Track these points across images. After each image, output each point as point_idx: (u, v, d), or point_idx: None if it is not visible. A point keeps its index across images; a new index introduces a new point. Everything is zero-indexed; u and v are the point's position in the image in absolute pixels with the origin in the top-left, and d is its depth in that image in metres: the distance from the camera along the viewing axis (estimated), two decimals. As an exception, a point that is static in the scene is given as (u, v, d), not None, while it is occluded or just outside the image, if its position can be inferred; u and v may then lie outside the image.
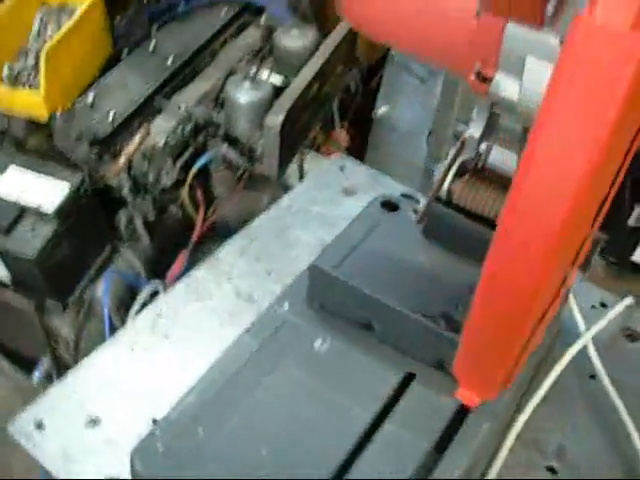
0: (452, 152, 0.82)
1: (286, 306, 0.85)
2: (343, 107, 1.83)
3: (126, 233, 1.46)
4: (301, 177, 1.64)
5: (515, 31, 0.57)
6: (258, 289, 0.98)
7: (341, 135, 1.87)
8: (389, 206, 0.96)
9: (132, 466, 0.73)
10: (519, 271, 0.49)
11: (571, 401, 0.92)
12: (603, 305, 1.02)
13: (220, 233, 1.61)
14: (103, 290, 1.35)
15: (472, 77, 0.63)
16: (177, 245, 1.52)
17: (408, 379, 0.80)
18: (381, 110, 2.02)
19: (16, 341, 1.59)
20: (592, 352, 0.93)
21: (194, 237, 1.49)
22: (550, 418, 0.90)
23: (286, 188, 1.60)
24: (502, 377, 0.59)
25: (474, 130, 0.79)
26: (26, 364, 1.60)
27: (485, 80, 0.63)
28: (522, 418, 0.86)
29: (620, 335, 1.01)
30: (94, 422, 0.85)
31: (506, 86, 0.62)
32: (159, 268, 1.49)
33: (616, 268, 2.28)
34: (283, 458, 0.73)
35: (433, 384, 0.79)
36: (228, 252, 1.03)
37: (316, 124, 1.59)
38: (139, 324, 0.95)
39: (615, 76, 0.40)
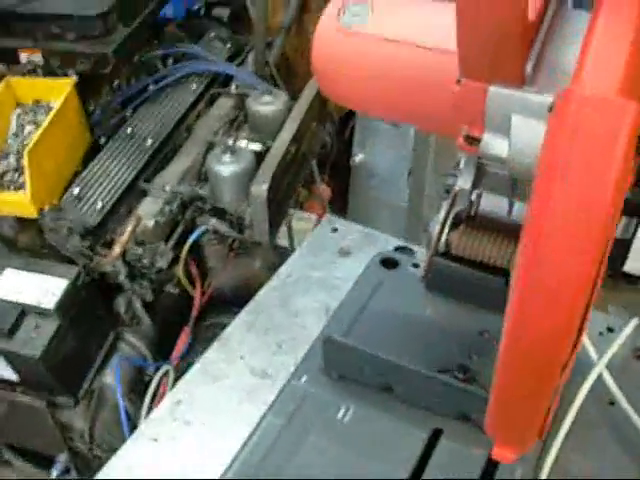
0: (445, 206, 0.83)
1: (304, 379, 0.86)
2: (321, 161, 1.86)
3: (127, 317, 1.46)
4: (290, 237, 1.66)
5: (497, 93, 0.59)
6: (271, 363, 0.98)
7: (323, 189, 1.90)
8: (388, 263, 0.98)
9: None
10: (547, 321, 0.49)
11: (595, 430, 0.92)
12: (610, 330, 1.03)
13: (217, 302, 1.62)
14: (114, 378, 1.35)
15: (461, 140, 0.65)
16: (178, 322, 1.52)
17: (436, 435, 0.80)
18: (358, 158, 2.05)
19: (31, 439, 1.58)
20: (608, 378, 0.94)
21: (194, 311, 1.50)
22: (577, 451, 0.90)
23: (276, 248, 1.61)
24: (536, 429, 0.60)
25: (464, 182, 0.81)
26: (43, 461, 1.59)
27: (474, 141, 0.65)
28: (551, 456, 0.87)
29: (631, 356, 1.02)
30: (127, 523, 0.85)
31: (495, 145, 0.63)
32: (164, 347, 1.49)
33: (610, 280, 2.30)
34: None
35: (461, 437, 0.80)
36: (236, 329, 1.03)
37: (299, 184, 1.61)
38: (160, 414, 0.95)
39: (610, 140, 0.42)
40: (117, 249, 1.27)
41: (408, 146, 1.93)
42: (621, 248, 2.11)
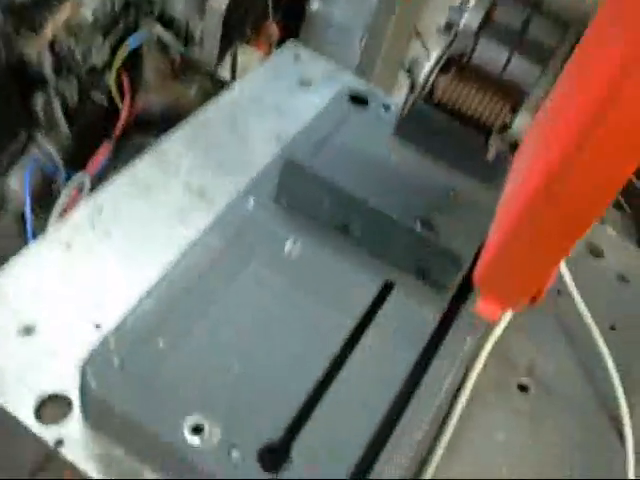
0: (444, 43, 0.74)
1: (251, 202, 0.76)
2: (276, 2, 1.71)
3: (43, 119, 1.31)
4: (233, 70, 1.52)
5: None
6: (210, 182, 0.87)
7: (273, 28, 1.75)
8: (357, 99, 0.88)
9: (83, 382, 0.64)
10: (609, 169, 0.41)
11: (540, 316, 0.87)
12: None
13: (141, 123, 1.47)
14: (24, 183, 1.21)
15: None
16: (98, 134, 1.38)
17: (388, 287, 0.73)
18: (315, 5, 1.90)
19: None
20: (562, 267, 0.89)
21: (119, 126, 1.36)
22: (521, 332, 0.85)
23: (217, 82, 1.47)
24: (532, 291, 0.53)
25: (471, 20, 0.72)
26: None
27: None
28: (495, 333, 0.82)
29: (585, 251, 0.98)
30: (28, 330, 0.75)
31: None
32: (78, 161, 1.35)
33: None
34: (258, 372, 0.65)
35: (414, 293, 0.73)
36: (175, 143, 0.91)
37: (253, 14, 1.46)
38: (75, 220, 0.83)
39: None
40: (48, 33, 1.11)
41: (370, 3, 1.80)
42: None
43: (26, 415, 0.69)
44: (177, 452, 0.61)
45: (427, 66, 0.74)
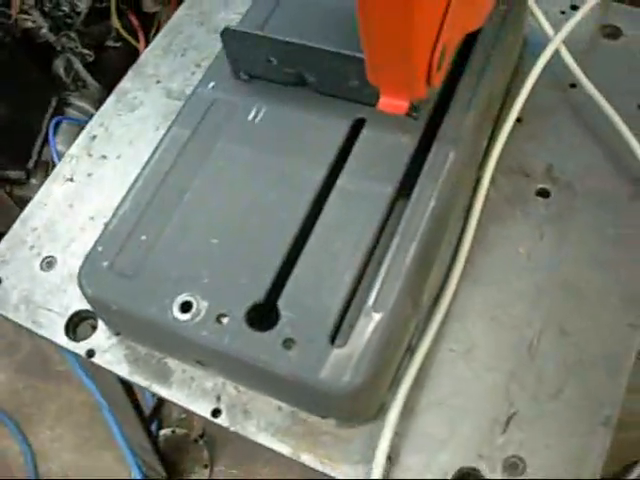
0: None
1: (211, 85, 0.76)
2: None
3: (69, 81, 1.35)
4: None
5: None
6: (189, 84, 0.88)
7: None
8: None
9: (81, 289, 0.67)
10: None
11: (552, 116, 0.82)
12: (574, 8, 0.90)
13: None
14: (50, 139, 1.26)
15: None
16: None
17: (358, 126, 0.71)
18: None
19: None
20: (566, 55, 0.83)
21: (141, 64, 1.38)
22: (532, 138, 0.81)
23: None
24: (421, 66, 0.50)
25: None
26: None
27: None
28: (499, 143, 0.78)
29: (599, 36, 0.90)
30: (50, 264, 0.79)
31: None
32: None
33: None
34: (236, 241, 0.66)
35: (385, 124, 0.70)
36: (150, 54, 0.92)
37: None
38: (74, 152, 0.87)
39: None
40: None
41: None
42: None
43: (60, 338, 0.74)
44: (174, 332, 0.63)
45: None
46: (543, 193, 0.77)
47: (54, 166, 1.35)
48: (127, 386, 1.07)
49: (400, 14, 0.43)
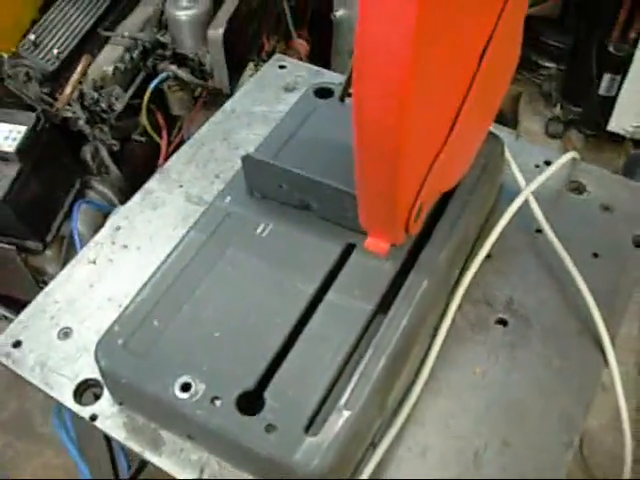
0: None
1: (228, 199, 0.88)
2: (298, 14, 1.83)
3: (94, 166, 1.49)
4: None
5: None
6: (208, 191, 1.01)
7: (299, 44, 1.88)
8: (323, 93, 0.99)
9: (97, 361, 0.78)
10: (378, 108, 0.52)
11: (518, 256, 0.95)
12: (547, 163, 1.04)
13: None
14: (73, 218, 1.39)
15: None
16: (147, 171, 1.55)
17: (349, 250, 0.83)
18: (338, 13, 2.01)
19: (8, 287, 1.64)
20: (534, 205, 0.96)
21: (161, 160, 1.52)
22: (498, 273, 0.93)
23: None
24: (400, 219, 0.63)
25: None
26: (20, 307, 1.66)
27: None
28: (468, 276, 0.90)
29: (565, 190, 1.03)
30: (66, 334, 0.90)
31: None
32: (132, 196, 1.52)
33: (593, 140, 2.30)
34: (235, 336, 0.77)
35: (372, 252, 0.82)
36: (176, 161, 1.06)
37: (265, 33, 1.60)
38: (99, 239, 0.99)
39: None
40: (68, 89, 1.28)
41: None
42: (605, 106, 2.10)
43: (67, 400, 0.84)
44: (172, 408, 0.73)
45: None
46: (502, 322, 0.89)
47: (70, 242, 1.48)
48: (112, 452, 1.16)
49: (386, 177, 0.56)
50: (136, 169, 1.57)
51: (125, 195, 1.53)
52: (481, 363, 0.86)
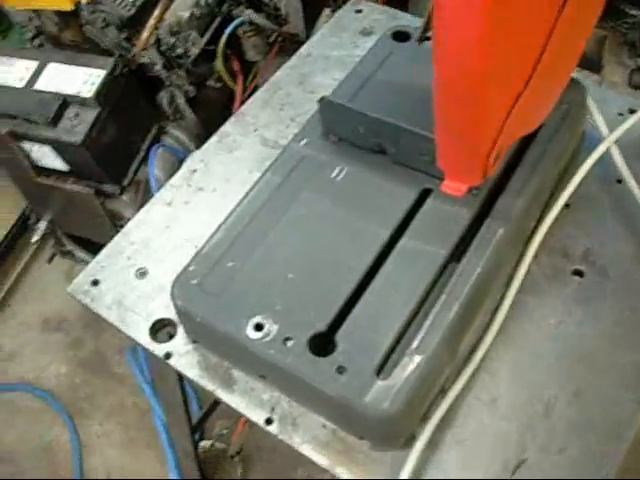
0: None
1: (304, 142, 0.88)
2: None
3: (170, 111, 1.51)
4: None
5: None
6: (283, 135, 1.01)
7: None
8: (400, 36, 0.97)
9: (173, 300, 0.80)
10: (458, 50, 0.50)
11: (597, 206, 0.93)
12: (632, 112, 1.01)
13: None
14: (150, 164, 1.41)
15: None
16: (222, 117, 1.55)
17: (425, 195, 0.82)
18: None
19: (87, 230, 1.69)
20: (616, 154, 0.93)
21: (236, 106, 1.53)
22: (575, 224, 0.91)
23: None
24: (479, 161, 0.61)
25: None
26: (97, 250, 1.70)
27: None
28: (544, 225, 0.88)
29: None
30: (143, 274, 0.92)
31: None
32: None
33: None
34: (309, 278, 0.78)
35: (448, 197, 0.81)
36: (253, 105, 1.06)
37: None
38: (175, 182, 1.00)
39: None
40: (145, 33, 1.29)
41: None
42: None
43: (143, 338, 0.86)
44: (245, 347, 0.75)
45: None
46: (578, 273, 0.87)
47: (146, 186, 1.50)
48: (184, 393, 1.19)
49: (467, 118, 0.55)
50: (211, 115, 1.58)
51: (200, 140, 1.54)
52: (555, 314, 0.85)
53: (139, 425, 1.78)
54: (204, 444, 1.69)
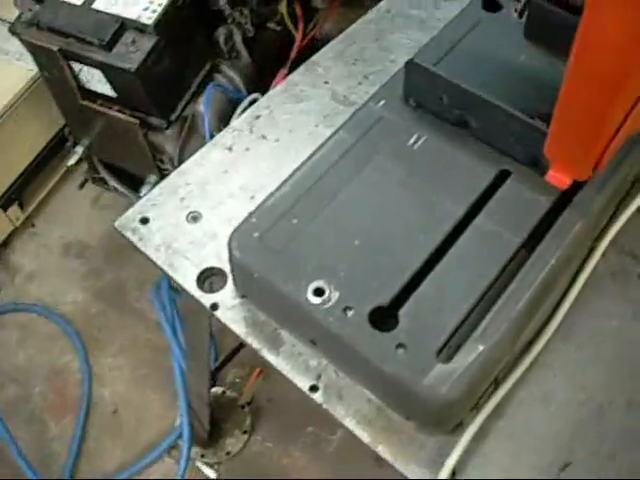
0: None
1: (382, 103, 0.84)
2: None
3: (226, 49, 1.46)
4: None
5: None
6: (354, 92, 0.97)
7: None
8: (491, 5, 0.92)
9: (230, 251, 0.76)
10: (606, 50, 0.47)
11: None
12: None
13: (319, 49, 1.58)
14: (204, 103, 1.36)
15: None
16: (277, 61, 1.51)
17: (503, 176, 0.79)
18: None
19: (124, 160, 1.65)
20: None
21: (293, 53, 1.48)
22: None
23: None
24: (594, 155, 0.58)
25: None
26: (135, 183, 1.67)
27: None
28: (618, 224, 0.85)
29: None
30: (195, 218, 0.89)
31: None
32: (259, 84, 1.49)
33: None
34: (375, 248, 0.74)
35: (528, 181, 0.78)
36: (325, 56, 1.02)
37: None
38: (237, 125, 0.96)
39: None
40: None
41: None
42: None
43: (190, 284, 0.83)
44: (302, 310, 0.72)
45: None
46: (645, 276, 0.84)
47: (192, 123, 1.46)
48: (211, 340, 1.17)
49: (600, 110, 0.51)
50: (266, 58, 1.53)
51: (253, 83, 1.50)
52: (618, 316, 0.81)
53: (151, 363, 1.76)
54: (215, 390, 1.68)
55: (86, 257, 1.96)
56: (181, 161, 1.47)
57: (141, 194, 1.60)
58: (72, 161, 1.67)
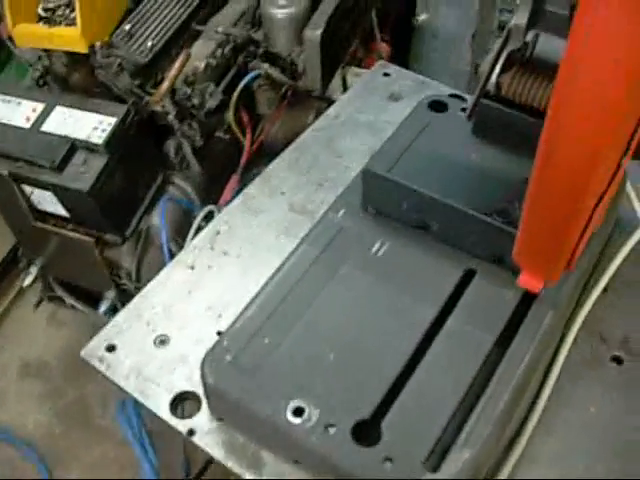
0: (498, 43, 0.79)
1: (341, 212, 0.85)
2: (382, 20, 1.79)
3: (176, 161, 1.47)
4: (345, 91, 1.62)
5: None
6: (312, 200, 0.98)
7: (382, 46, 1.84)
8: (437, 106, 0.95)
9: (203, 377, 0.75)
10: (574, 152, 0.48)
11: (634, 290, 0.90)
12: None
13: (268, 153, 1.61)
14: (159, 216, 1.36)
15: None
16: (228, 169, 1.52)
17: (469, 275, 0.80)
18: (421, 18, 1.97)
19: (81, 277, 1.63)
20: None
21: (243, 159, 1.49)
22: (613, 308, 0.89)
23: (331, 103, 1.58)
24: (564, 258, 0.59)
25: (519, 18, 0.77)
26: (92, 299, 1.65)
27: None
28: (585, 309, 0.86)
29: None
30: (163, 342, 0.87)
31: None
32: (212, 193, 1.50)
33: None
34: (351, 360, 0.74)
35: (494, 279, 0.79)
36: (278, 166, 1.03)
37: (356, 35, 1.56)
38: (198, 243, 0.96)
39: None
40: (165, 84, 1.26)
41: (474, 8, 1.85)
42: None
43: (163, 411, 0.81)
44: (282, 432, 0.70)
45: (484, 66, 0.80)
46: (617, 360, 0.85)
47: (147, 236, 1.46)
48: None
49: (565, 217, 0.53)
50: (216, 166, 1.54)
51: (205, 192, 1.50)
52: (595, 402, 0.82)
53: (119, 482, 1.71)
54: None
55: (45, 376, 1.91)
56: (139, 275, 1.46)
57: (100, 310, 1.57)
58: (27, 282, 1.64)
